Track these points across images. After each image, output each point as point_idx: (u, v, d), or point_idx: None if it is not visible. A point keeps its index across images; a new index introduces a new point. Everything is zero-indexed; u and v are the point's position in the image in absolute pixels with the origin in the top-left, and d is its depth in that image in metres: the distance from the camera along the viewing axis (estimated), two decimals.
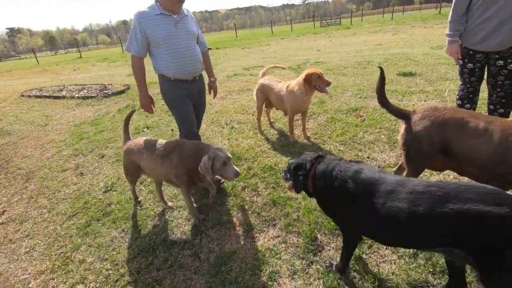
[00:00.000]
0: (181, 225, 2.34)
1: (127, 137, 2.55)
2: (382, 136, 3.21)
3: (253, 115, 4.48)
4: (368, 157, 2.88)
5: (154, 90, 7.11)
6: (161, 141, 2.34)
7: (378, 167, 2.33)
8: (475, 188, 1.14)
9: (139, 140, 2.44)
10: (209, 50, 3.08)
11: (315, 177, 1.58)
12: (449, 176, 2.46)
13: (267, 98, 3.67)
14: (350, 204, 1.41)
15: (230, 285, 1.76)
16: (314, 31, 22.99)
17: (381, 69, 2.06)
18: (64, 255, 2.21)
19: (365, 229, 1.48)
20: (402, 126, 2.00)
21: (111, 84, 8.22)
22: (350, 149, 3.08)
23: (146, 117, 5.20)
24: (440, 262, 1.68)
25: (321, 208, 1.68)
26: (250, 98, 5.35)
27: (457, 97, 2.76)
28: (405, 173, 2.13)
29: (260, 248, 1.99)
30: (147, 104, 2.56)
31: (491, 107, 2.57)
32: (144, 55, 2.45)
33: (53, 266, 2.12)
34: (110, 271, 2.00)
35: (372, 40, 12.03)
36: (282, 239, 2.04)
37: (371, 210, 1.32)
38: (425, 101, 4.08)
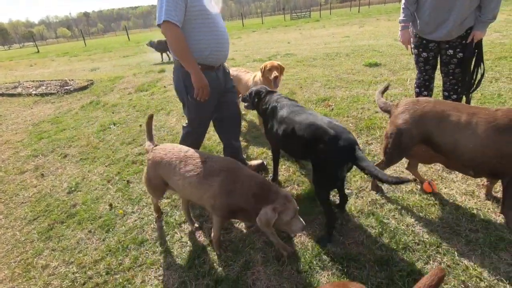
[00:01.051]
0: (151, 222, 2.28)
1: (151, 144, 2.05)
2: (350, 124, 3.32)
3: None
4: None
5: (120, 85, 6.82)
6: (203, 155, 1.84)
7: None
8: (333, 121, 1.76)
9: (170, 148, 1.92)
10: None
11: (263, 103, 2.27)
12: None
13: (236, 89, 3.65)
14: (270, 123, 2.14)
15: (204, 277, 1.75)
16: (284, 24, 23.11)
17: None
18: (25, 261, 2.07)
19: (278, 143, 2.21)
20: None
21: (72, 80, 7.74)
22: None
23: (113, 113, 4.96)
24: (402, 240, 1.78)
25: (264, 129, 2.31)
26: None
27: (415, 85, 2.91)
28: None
29: (233, 239, 1.99)
30: (207, 83, 2.00)
31: (446, 93, 2.74)
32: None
33: (13, 274, 1.97)
34: (77, 274, 1.90)
35: (340, 32, 12.33)
36: (255, 229, 2.05)
37: (277, 129, 2.02)
38: (389, 89, 4.26)
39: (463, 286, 1.49)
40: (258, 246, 1.91)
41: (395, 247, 1.75)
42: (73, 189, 2.87)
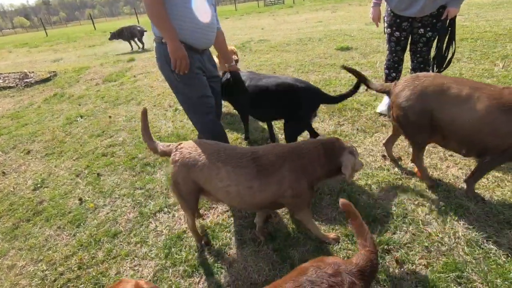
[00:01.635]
0: (125, 213, 2.22)
1: (151, 144, 1.76)
2: (322, 107, 3.37)
3: None
4: None
5: (87, 76, 6.47)
6: (244, 150, 1.59)
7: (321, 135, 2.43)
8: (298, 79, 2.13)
9: (203, 146, 1.60)
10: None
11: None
12: (436, 148, 2.69)
13: None
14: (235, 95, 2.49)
15: (181, 264, 1.74)
16: (258, 10, 22.75)
17: (348, 69, 2.15)
18: None
19: (246, 111, 2.68)
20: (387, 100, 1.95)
21: (33, 72, 7.22)
22: None
23: (79, 105, 4.71)
24: (372, 213, 1.86)
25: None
26: None
27: (384, 66, 3.00)
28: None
29: (209, 225, 1.99)
30: (185, 54, 1.80)
31: (412, 71, 2.85)
32: None
33: None
34: (47, 272, 1.83)
35: (313, 18, 12.34)
36: (230, 213, 2.06)
37: (245, 98, 2.33)
38: None
39: (426, 251, 1.59)
40: (234, 230, 1.92)
41: (365, 220, 1.82)
42: (39, 185, 2.72)
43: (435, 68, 2.74)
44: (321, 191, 2.12)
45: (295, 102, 2.11)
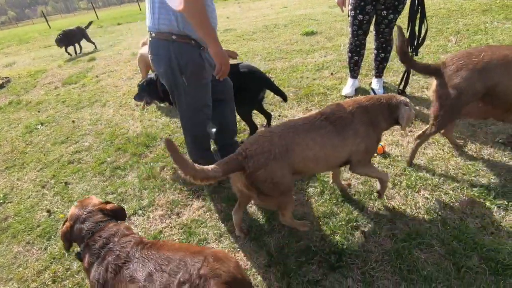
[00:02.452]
0: None
1: (200, 172, 1.34)
2: (291, 94, 3.41)
3: None
4: (279, 115, 3.05)
5: (44, 80, 6.08)
6: (310, 116, 1.57)
7: None
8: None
9: (267, 133, 1.49)
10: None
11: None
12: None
13: (150, 68, 3.59)
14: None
15: None
16: None
17: (399, 28, 1.87)
18: None
19: None
20: (433, 82, 1.88)
21: None
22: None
23: (38, 111, 4.44)
24: (341, 194, 1.95)
25: None
26: None
27: (347, 50, 3.08)
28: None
29: (186, 222, 1.99)
30: (228, 59, 1.73)
31: (375, 51, 2.98)
32: None
33: None
34: None
35: (278, 3, 12.25)
36: (207, 208, 2.07)
37: None
38: (325, 56, 4.43)
39: (391, 223, 1.70)
40: (210, 224, 1.94)
41: (335, 201, 1.91)
42: (1, 201, 2.57)
43: (409, 47, 2.84)
44: None
45: (242, 86, 2.29)
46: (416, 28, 2.51)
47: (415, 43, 2.68)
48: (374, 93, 3.02)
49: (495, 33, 3.87)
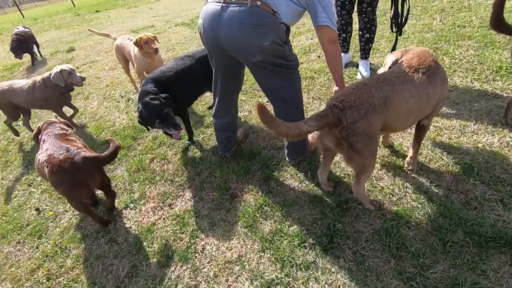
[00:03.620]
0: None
1: (293, 127, 1.39)
2: None
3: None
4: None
5: (22, 74, 5.82)
6: (398, 67, 1.56)
7: None
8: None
9: (360, 87, 1.44)
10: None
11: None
12: None
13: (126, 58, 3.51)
14: None
15: (154, 256, 1.75)
16: None
17: None
18: None
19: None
20: None
21: None
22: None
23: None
24: (331, 177, 1.98)
25: None
26: None
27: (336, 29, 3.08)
28: None
29: (178, 213, 2.00)
30: None
31: (360, 32, 2.96)
32: None
33: None
34: None
35: None
36: (198, 198, 2.08)
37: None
38: (311, 39, 4.37)
39: (380, 203, 1.74)
40: (203, 214, 1.95)
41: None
42: None
43: (394, 27, 2.83)
44: (282, 163, 2.19)
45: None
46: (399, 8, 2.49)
47: (400, 22, 2.68)
48: (362, 75, 3.03)
49: (479, 10, 3.88)
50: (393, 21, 2.76)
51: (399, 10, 2.59)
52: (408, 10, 2.65)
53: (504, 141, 1.95)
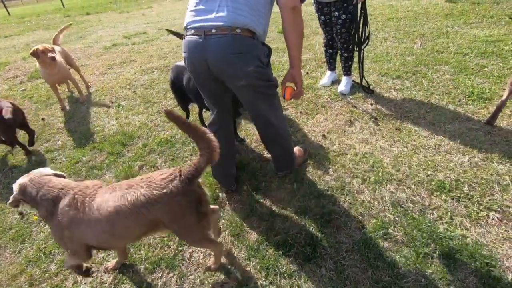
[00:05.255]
0: None
1: None
2: None
3: (135, 91, 4.15)
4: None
5: (7, 74, 5.71)
6: None
7: None
8: None
9: None
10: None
11: None
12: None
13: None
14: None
15: (141, 262, 1.78)
16: None
17: None
18: None
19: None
20: None
21: None
22: None
23: None
24: (315, 190, 2.08)
25: None
26: (135, 71, 4.88)
27: (323, 44, 3.31)
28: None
29: None
30: None
31: (339, 51, 3.17)
32: None
33: None
34: None
35: None
36: None
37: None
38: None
39: (360, 216, 1.85)
40: None
41: (310, 197, 2.04)
42: None
43: (355, 47, 3.04)
44: (270, 175, 2.27)
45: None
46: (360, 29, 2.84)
47: (359, 41, 2.94)
48: (343, 94, 3.21)
49: (455, 37, 4.19)
50: (354, 40, 2.99)
51: (359, 32, 2.84)
52: (369, 33, 2.90)
53: (473, 161, 2.13)
